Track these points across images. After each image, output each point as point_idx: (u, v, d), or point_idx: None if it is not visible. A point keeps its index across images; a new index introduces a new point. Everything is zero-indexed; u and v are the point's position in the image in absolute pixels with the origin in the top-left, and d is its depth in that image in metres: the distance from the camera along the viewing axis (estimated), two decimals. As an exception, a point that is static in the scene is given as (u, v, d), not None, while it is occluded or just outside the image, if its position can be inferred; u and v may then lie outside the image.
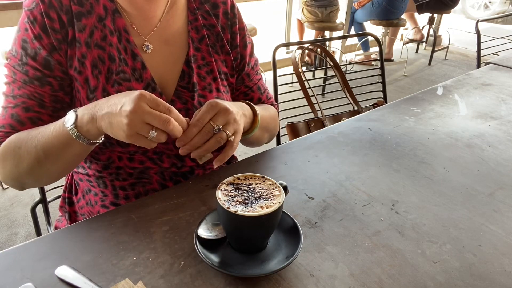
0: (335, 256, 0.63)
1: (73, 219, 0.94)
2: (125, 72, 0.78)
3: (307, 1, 3.54)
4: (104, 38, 0.77)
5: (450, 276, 0.60)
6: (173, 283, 0.57)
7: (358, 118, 1.12)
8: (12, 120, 0.76)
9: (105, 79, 0.77)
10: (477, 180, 0.84)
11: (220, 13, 0.88)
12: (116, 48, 0.78)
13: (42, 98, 0.76)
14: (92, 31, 0.76)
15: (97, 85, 0.77)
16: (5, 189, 2.25)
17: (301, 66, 1.75)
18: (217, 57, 0.88)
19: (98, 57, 0.76)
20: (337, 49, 3.74)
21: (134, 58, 0.79)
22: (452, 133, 1.04)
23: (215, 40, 0.88)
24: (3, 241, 1.88)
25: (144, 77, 0.79)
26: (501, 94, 1.30)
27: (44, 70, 0.75)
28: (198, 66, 0.85)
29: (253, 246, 0.62)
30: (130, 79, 0.78)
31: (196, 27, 0.86)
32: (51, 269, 0.58)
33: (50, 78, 0.76)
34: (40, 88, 0.75)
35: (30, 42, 0.74)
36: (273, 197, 0.58)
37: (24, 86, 0.75)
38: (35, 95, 0.75)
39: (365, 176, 0.84)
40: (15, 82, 0.76)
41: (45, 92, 0.76)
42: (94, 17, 0.76)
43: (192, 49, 0.85)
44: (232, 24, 0.89)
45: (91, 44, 0.76)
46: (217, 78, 0.87)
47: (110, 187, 0.84)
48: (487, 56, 2.09)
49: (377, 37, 1.84)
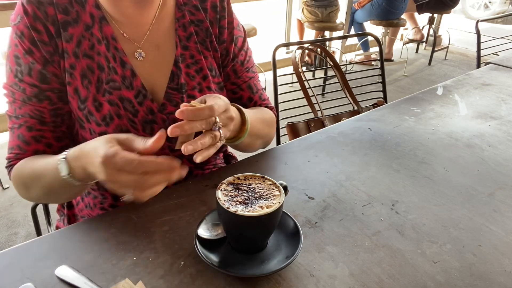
0: (335, 256, 0.63)
1: (72, 222, 0.93)
2: (114, 80, 0.77)
3: (307, 1, 3.54)
4: (92, 47, 0.75)
5: (450, 276, 0.60)
6: (173, 283, 0.57)
7: (358, 118, 1.12)
8: (19, 141, 0.77)
9: (95, 89, 0.76)
10: (477, 180, 0.84)
11: (208, 6, 0.85)
12: (105, 56, 0.76)
13: (42, 115, 0.76)
14: (80, 41, 0.75)
15: (87, 96, 0.76)
16: (5, 189, 2.25)
17: (301, 66, 1.75)
18: (207, 53, 0.85)
19: (87, 67, 0.75)
20: (337, 49, 3.74)
21: (123, 66, 0.77)
22: (452, 133, 1.04)
23: (204, 36, 0.84)
24: (3, 241, 1.88)
25: (135, 85, 0.78)
26: (501, 94, 1.30)
27: (41, 84, 0.75)
28: (187, 65, 0.83)
29: (253, 246, 0.62)
30: (120, 87, 0.77)
31: (184, 24, 0.83)
32: (51, 269, 0.58)
33: (48, 92, 0.75)
34: (38, 105, 0.75)
35: (22, 58, 0.73)
36: (273, 197, 0.58)
37: (24, 105, 0.75)
38: (35, 112, 0.76)
39: (365, 176, 0.84)
40: (15, 102, 0.76)
41: (44, 107, 0.76)
42: (81, 26, 0.75)
43: (180, 48, 0.82)
44: (221, 17, 0.86)
45: (79, 54, 0.75)
46: (207, 76, 0.84)
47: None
48: (487, 56, 2.09)
49: (377, 37, 1.84)
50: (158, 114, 0.80)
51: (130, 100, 0.78)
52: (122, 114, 0.77)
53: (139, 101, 0.79)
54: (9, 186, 2.27)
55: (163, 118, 0.81)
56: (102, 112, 0.76)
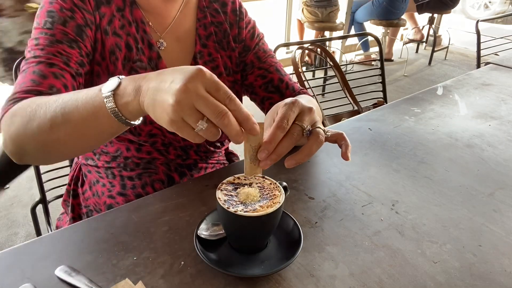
0: (335, 256, 0.63)
1: (76, 212, 0.95)
2: (141, 60, 0.81)
3: (307, 1, 3.54)
4: (122, 27, 0.79)
5: (450, 276, 0.60)
6: (173, 283, 0.57)
7: (358, 118, 1.12)
8: (33, 75, 0.66)
9: (121, 66, 0.79)
10: (477, 180, 0.84)
11: (228, 10, 0.91)
12: (134, 37, 0.80)
13: (68, 57, 0.70)
14: (111, 20, 0.78)
15: (113, 71, 0.79)
16: (5, 189, 2.25)
17: (301, 66, 1.75)
18: (223, 53, 0.90)
19: (115, 44, 0.78)
20: (337, 49, 3.74)
21: (150, 48, 0.82)
22: (452, 133, 1.04)
23: (222, 37, 0.90)
24: (3, 241, 1.88)
25: (160, 67, 0.82)
26: (501, 94, 1.30)
27: (76, 36, 0.72)
28: (204, 62, 0.88)
29: (253, 246, 0.62)
30: (146, 67, 0.81)
31: (204, 24, 0.88)
32: (51, 269, 0.58)
33: (80, 43, 0.73)
34: (68, 49, 0.70)
35: (58, 11, 0.71)
36: (273, 197, 0.58)
37: (50, 46, 0.68)
38: (62, 53, 0.69)
39: (365, 176, 0.84)
40: (38, 45, 0.68)
41: (73, 53, 0.71)
42: (112, 6, 0.78)
43: (199, 45, 0.87)
44: (240, 19, 0.92)
45: (109, 31, 0.78)
46: (222, 73, 0.90)
47: (118, 177, 0.87)
48: (487, 56, 2.09)
49: (377, 37, 1.85)
50: None
51: None
52: None
53: None
54: (9, 186, 2.27)
55: None
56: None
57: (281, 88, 0.94)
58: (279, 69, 0.96)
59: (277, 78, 0.94)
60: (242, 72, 0.95)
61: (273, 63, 0.96)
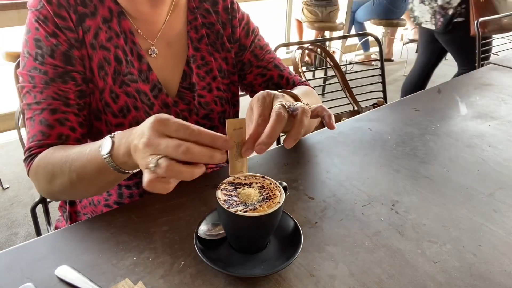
0: (335, 256, 0.63)
1: (73, 220, 0.94)
2: (132, 73, 0.78)
3: (307, 0, 3.54)
4: (109, 39, 0.77)
5: (450, 276, 0.60)
6: (173, 283, 0.57)
7: (358, 118, 1.12)
8: (41, 126, 0.72)
9: (112, 80, 0.77)
10: (477, 180, 0.84)
11: (220, 9, 0.89)
12: (123, 50, 0.78)
13: (66, 96, 0.73)
14: (97, 33, 0.76)
15: (104, 87, 0.77)
16: (5, 189, 2.25)
17: (301, 66, 1.75)
18: (217, 55, 0.88)
19: (103, 58, 0.76)
20: (337, 49, 3.74)
21: (140, 60, 0.79)
22: (452, 133, 1.04)
23: (215, 39, 0.88)
24: (3, 241, 1.88)
25: (150, 79, 0.80)
26: (501, 94, 1.30)
27: (66, 66, 0.73)
28: (197, 66, 0.86)
29: (253, 246, 0.62)
30: (137, 80, 0.79)
31: (196, 26, 0.86)
32: (51, 269, 0.58)
33: (73, 72, 0.73)
34: (63, 85, 0.73)
35: (44, 40, 0.72)
36: (273, 197, 0.58)
37: (46, 88, 0.72)
38: (59, 93, 0.72)
39: (365, 176, 0.84)
40: (36, 86, 0.72)
41: (69, 88, 0.73)
42: (98, 18, 0.76)
43: (192, 49, 0.85)
44: (232, 18, 0.90)
45: (96, 45, 0.76)
46: (216, 77, 0.87)
47: (115, 186, 0.85)
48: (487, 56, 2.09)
49: (377, 37, 1.85)
50: (172, 108, 0.83)
51: (146, 93, 0.80)
52: (139, 106, 0.79)
53: (155, 94, 0.81)
54: (9, 186, 2.27)
55: (177, 111, 0.84)
56: (119, 103, 0.78)
57: (282, 84, 0.93)
58: (278, 65, 0.95)
59: (277, 75, 0.94)
60: (240, 72, 0.94)
61: (271, 59, 0.95)
